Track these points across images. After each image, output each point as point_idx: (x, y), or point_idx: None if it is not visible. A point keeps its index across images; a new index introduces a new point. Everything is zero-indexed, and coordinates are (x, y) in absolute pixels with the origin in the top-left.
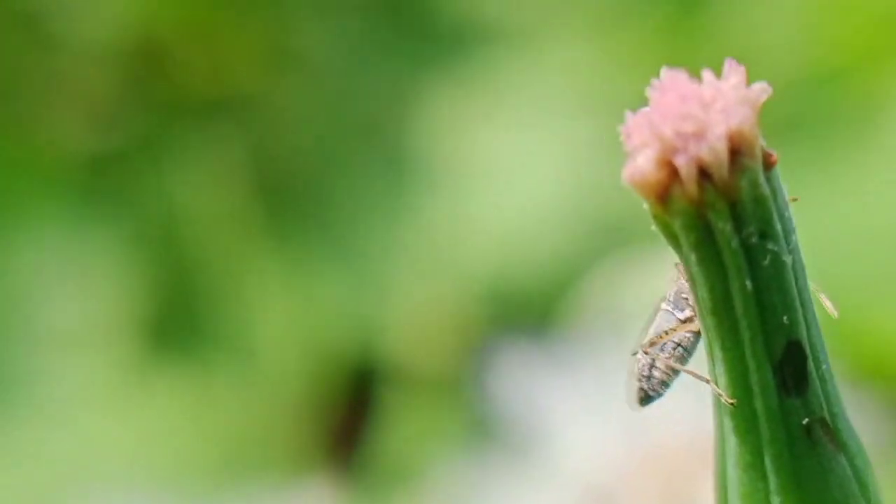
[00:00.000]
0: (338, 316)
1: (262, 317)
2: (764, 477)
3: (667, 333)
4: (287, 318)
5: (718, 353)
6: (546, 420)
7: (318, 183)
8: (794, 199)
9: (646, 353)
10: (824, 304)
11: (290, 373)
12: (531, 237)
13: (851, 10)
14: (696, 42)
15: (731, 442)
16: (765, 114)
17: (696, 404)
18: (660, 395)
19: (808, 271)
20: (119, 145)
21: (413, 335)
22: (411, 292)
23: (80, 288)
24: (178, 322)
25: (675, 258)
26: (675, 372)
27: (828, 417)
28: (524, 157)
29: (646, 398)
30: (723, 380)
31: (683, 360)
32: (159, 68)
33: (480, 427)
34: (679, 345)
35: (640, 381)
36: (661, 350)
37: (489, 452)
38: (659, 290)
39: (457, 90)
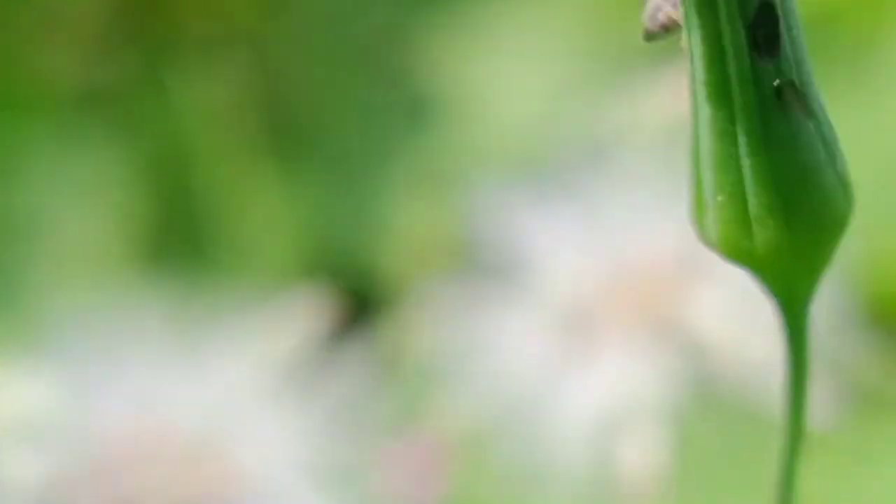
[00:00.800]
0: (334, 239)
1: (259, 240)
2: (735, 142)
3: None
4: (285, 241)
5: (694, 19)
6: (530, 244)
7: (317, 114)
8: None
9: None
10: None
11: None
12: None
13: None
14: None
15: (705, 110)
16: None
17: (678, 224)
18: (662, 36)
19: None
20: (114, 79)
21: (408, 260)
22: (408, 217)
23: (76, 206)
24: (176, 244)
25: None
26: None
27: (797, 83)
28: (521, 91)
29: (648, 36)
30: (698, 49)
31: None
32: (154, 2)
33: (466, 252)
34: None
35: (646, 21)
36: None
37: (474, 276)
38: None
39: (456, 23)
